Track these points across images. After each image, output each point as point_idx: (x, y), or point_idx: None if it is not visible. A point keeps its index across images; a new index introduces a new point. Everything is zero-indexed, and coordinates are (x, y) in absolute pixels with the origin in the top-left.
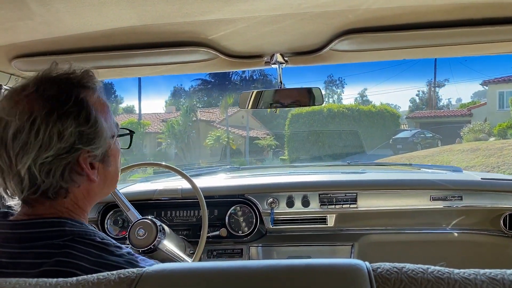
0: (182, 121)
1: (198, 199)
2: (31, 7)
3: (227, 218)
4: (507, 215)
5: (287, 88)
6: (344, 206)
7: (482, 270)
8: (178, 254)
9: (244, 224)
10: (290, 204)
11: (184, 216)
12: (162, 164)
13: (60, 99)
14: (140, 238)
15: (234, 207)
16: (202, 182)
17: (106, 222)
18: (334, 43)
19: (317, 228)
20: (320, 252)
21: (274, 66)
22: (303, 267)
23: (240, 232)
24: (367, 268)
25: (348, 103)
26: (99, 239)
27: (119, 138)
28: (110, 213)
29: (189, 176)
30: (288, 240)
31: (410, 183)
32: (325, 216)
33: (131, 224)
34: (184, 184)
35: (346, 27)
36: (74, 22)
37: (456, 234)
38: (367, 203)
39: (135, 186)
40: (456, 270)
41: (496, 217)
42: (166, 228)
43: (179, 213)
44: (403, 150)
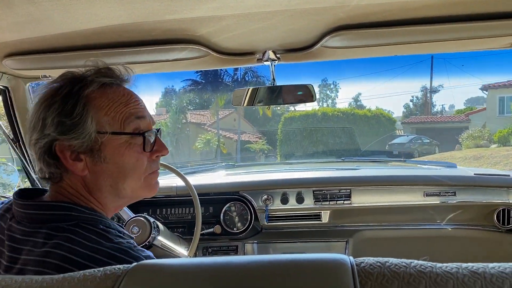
0: (171, 123)
1: (192, 196)
2: (19, 6)
3: (222, 215)
4: (500, 210)
5: (280, 85)
6: (338, 203)
7: (464, 264)
8: (174, 248)
9: (239, 221)
10: (285, 200)
11: (179, 214)
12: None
13: (58, 91)
14: (134, 235)
15: (228, 204)
16: (197, 180)
17: None
18: (326, 39)
19: (311, 225)
20: (315, 248)
21: (267, 63)
22: (286, 262)
23: (235, 229)
24: (351, 262)
25: (342, 107)
26: (102, 227)
27: (132, 138)
28: None
29: (183, 174)
30: (283, 237)
31: (404, 179)
32: (319, 212)
33: (124, 223)
34: (179, 182)
35: (337, 24)
36: (64, 20)
37: (450, 230)
38: (361, 199)
39: None
40: (439, 264)
41: (489, 212)
42: (160, 225)
43: (174, 210)
44: (399, 157)
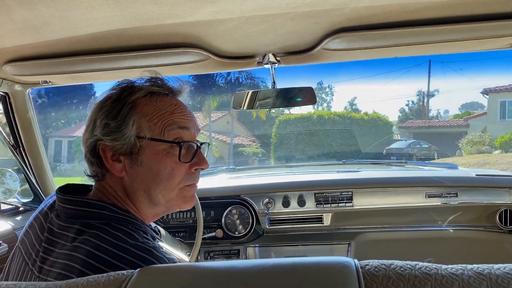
0: None
1: None
2: (20, 12)
3: (223, 219)
4: (502, 211)
5: (280, 88)
6: (340, 205)
7: (469, 265)
8: (175, 253)
9: (240, 224)
10: (286, 204)
11: (180, 218)
12: None
13: (111, 96)
14: None
15: (230, 208)
16: (198, 184)
17: None
18: (325, 42)
19: (313, 228)
20: (317, 251)
21: (267, 66)
22: (291, 266)
23: (236, 232)
24: (356, 265)
25: (338, 110)
26: (131, 227)
27: (171, 147)
28: None
29: None
30: (285, 240)
31: (406, 180)
32: (321, 215)
33: None
34: None
35: (337, 26)
36: (63, 25)
37: (452, 231)
38: (363, 202)
39: None
40: (444, 266)
41: (491, 213)
42: (162, 230)
43: (175, 215)
44: (400, 159)
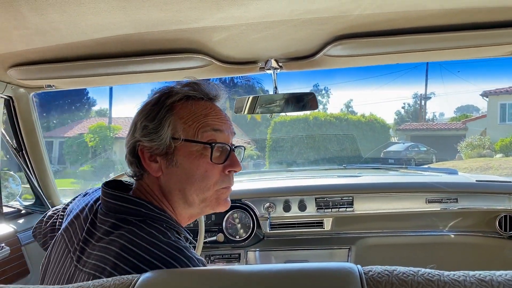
0: None
1: None
2: (27, 17)
3: (224, 223)
4: (502, 217)
5: (282, 93)
6: (340, 210)
7: (471, 272)
8: None
9: (241, 229)
10: (287, 208)
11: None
12: None
13: (151, 100)
14: None
15: (231, 212)
16: None
17: None
18: (328, 48)
19: (314, 232)
20: (317, 256)
21: (269, 72)
22: (295, 272)
23: (237, 237)
24: (359, 271)
25: (335, 112)
26: (165, 226)
27: (204, 149)
28: None
29: None
30: (286, 244)
31: (406, 186)
32: (321, 220)
33: None
34: None
35: (339, 33)
36: (69, 30)
37: (453, 236)
38: (363, 207)
39: None
40: (446, 272)
41: (491, 218)
42: None
43: None
44: (400, 164)
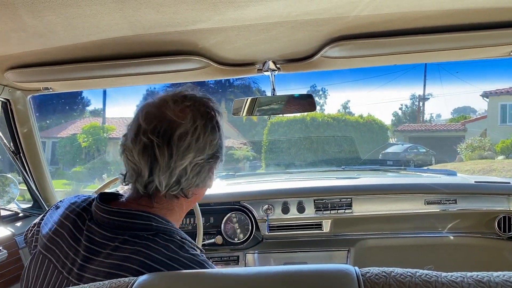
0: None
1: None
2: (24, 19)
3: (223, 225)
4: (501, 218)
5: (280, 95)
6: (339, 212)
7: (469, 273)
8: None
9: (240, 231)
10: (286, 210)
11: (180, 224)
12: None
13: (209, 116)
14: None
15: (229, 214)
16: None
17: None
18: (325, 50)
19: (313, 234)
20: (316, 258)
21: (267, 73)
22: (293, 274)
23: (236, 239)
24: (356, 272)
25: (333, 112)
26: (179, 237)
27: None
28: None
29: None
30: (284, 247)
31: (405, 187)
32: (320, 221)
33: None
34: None
35: (337, 34)
36: (67, 33)
37: (452, 238)
38: (362, 208)
39: None
40: (444, 274)
41: (490, 219)
42: None
43: None
44: (399, 165)
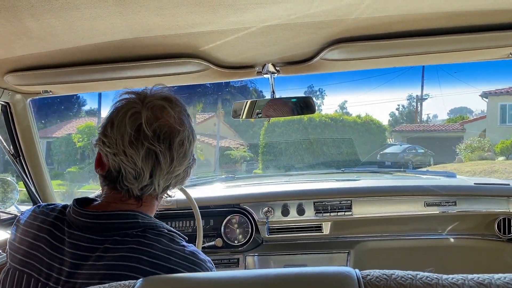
0: None
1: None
2: (25, 23)
3: (222, 228)
4: (501, 220)
5: (280, 98)
6: (339, 214)
7: (470, 275)
8: None
9: (240, 233)
10: (286, 212)
11: (180, 227)
12: None
13: (190, 121)
14: None
15: (229, 216)
16: (198, 193)
17: None
18: (325, 52)
19: (312, 236)
20: (316, 260)
21: (266, 76)
22: (293, 276)
23: (236, 241)
24: (357, 275)
25: (330, 112)
26: (166, 230)
27: None
28: None
29: (183, 187)
30: (284, 249)
31: (404, 189)
32: (320, 224)
33: None
34: (179, 195)
35: (336, 37)
36: (67, 36)
37: (452, 240)
38: (362, 210)
39: None
40: (445, 276)
41: (490, 221)
42: None
43: (174, 223)
44: (398, 167)
